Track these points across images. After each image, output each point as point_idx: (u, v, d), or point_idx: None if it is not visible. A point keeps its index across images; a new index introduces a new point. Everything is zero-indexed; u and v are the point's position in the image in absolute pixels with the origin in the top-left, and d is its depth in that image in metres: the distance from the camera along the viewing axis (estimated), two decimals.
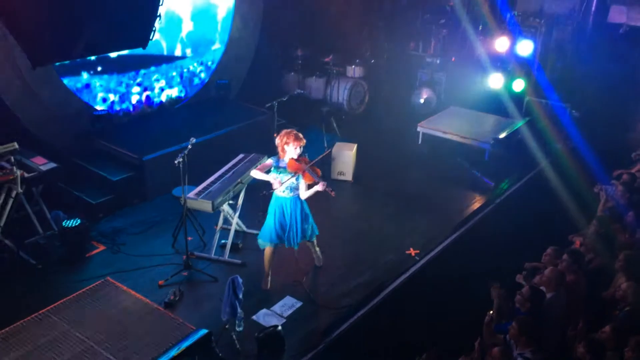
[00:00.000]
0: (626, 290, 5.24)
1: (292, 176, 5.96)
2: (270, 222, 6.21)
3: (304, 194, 6.12)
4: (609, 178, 8.08)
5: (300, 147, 5.99)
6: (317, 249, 6.80)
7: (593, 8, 10.49)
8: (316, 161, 6.07)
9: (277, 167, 6.05)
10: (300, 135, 6.06)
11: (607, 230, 6.26)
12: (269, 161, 6.14)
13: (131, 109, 9.27)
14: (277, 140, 6.10)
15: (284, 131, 6.13)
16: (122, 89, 9.05)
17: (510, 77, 10.92)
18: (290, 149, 5.98)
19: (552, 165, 9.51)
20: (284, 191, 6.09)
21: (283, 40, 11.53)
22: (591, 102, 10.61)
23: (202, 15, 9.96)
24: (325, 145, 9.31)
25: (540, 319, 4.94)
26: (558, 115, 10.58)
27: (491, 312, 5.30)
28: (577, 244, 6.50)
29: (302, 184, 6.07)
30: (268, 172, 6.08)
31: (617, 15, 10.38)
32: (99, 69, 8.66)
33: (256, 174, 6.14)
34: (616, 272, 5.60)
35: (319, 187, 5.92)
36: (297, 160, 5.97)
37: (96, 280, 6.30)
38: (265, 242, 6.31)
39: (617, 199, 7.10)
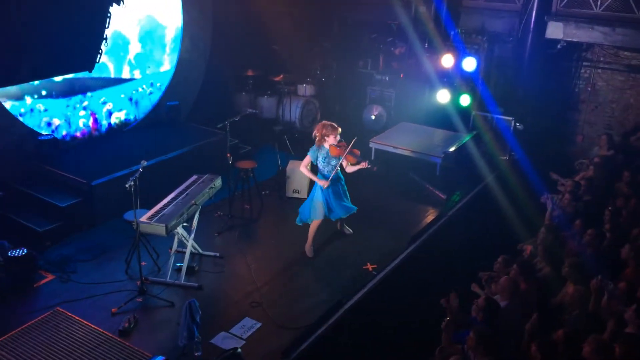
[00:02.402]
0: (573, 294, 5.42)
1: (338, 159, 7.08)
2: (317, 200, 7.22)
3: (350, 169, 7.26)
4: (553, 188, 8.41)
5: (337, 135, 7.01)
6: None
7: (532, 25, 10.93)
8: (352, 145, 7.06)
9: (320, 155, 7.15)
10: (335, 124, 7.11)
11: (554, 238, 6.48)
12: (308, 157, 7.23)
13: (78, 133, 9.04)
14: (316, 133, 7.14)
15: (320, 124, 7.17)
16: (68, 113, 8.83)
17: (456, 92, 11.24)
18: (331, 139, 7.04)
19: (499, 177, 9.82)
20: (327, 174, 7.15)
21: (234, 60, 11.53)
22: (533, 116, 11.04)
23: (150, 37, 9.87)
24: (279, 164, 9.31)
25: (497, 328, 5.05)
26: (502, 128, 10.94)
27: (447, 318, 5.38)
28: (528, 251, 6.70)
29: (345, 163, 7.16)
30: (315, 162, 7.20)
31: (554, 31, 10.85)
32: (44, 92, 8.43)
33: (304, 171, 7.31)
34: (565, 279, 5.79)
35: (362, 165, 7.10)
36: (337, 146, 7.05)
37: (45, 311, 6.13)
38: (313, 217, 7.29)
39: (563, 208, 7.37)
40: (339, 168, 7.20)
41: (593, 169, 8.55)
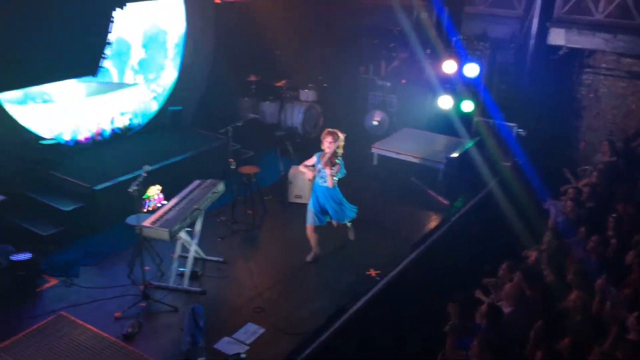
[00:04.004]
0: (576, 301, 5.41)
1: (321, 167, 7.07)
2: (310, 205, 7.29)
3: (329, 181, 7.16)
4: (556, 194, 8.40)
5: (330, 142, 7.02)
6: (349, 225, 7.75)
7: (533, 31, 10.96)
8: (330, 155, 7.01)
9: (318, 161, 7.15)
10: (334, 131, 7.09)
11: (559, 244, 6.48)
12: (313, 157, 7.24)
13: (81, 138, 9.05)
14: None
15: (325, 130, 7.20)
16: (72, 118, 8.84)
17: (459, 98, 11.24)
18: (325, 144, 7.07)
19: (502, 183, 9.82)
20: (317, 180, 7.15)
21: (236, 66, 11.55)
22: (536, 122, 11.05)
23: (153, 42, 9.89)
24: (282, 169, 9.32)
25: (501, 335, 5.04)
26: (504, 134, 10.95)
27: (450, 322, 5.37)
28: (533, 258, 6.69)
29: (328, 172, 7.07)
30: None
31: (556, 37, 10.88)
32: (47, 97, 8.44)
33: (301, 167, 7.35)
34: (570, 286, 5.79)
35: (327, 172, 7.05)
36: (326, 153, 7.04)
37: (49, 316, 6.12)
38: (307, 223, 7.33)
39: (566, 214, 7.37)
40: (332, 173, 7.14)
41: (596, 175, 8.54)
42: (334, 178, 7.11)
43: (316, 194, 7.30)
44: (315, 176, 7.20)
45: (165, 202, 7.62)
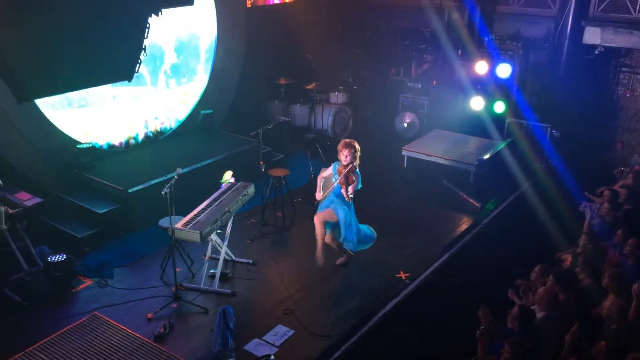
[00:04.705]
0: (610, 308, 5.27)
1: (336, 180, 6.74)
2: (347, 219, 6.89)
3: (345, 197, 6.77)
4: (591, 196, 8.20)
5: (346, 155, 6.68)
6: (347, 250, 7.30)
7: (568, 30, 10.75)
8: (347, 171, 6.63)
9: (335, 171, 6.85)
10: (349, 143, 6.74)
11: (595, 248, 6.33)
12: (330, 167, 6.98)
13: (115, 141, 9.24)
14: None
15: (342, 139, 6.89)
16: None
17: (490, 99, 11.11)
18: (341, 156, 6.76)
19: (535, 185, 9.64)
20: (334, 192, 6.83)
21: (266, 69, 11.64)
22: (570, 123, 10.81)
23: (185, 47, 10.04)
24: (312, 172, 9.33)
25: (533, 339, 4.94)
26: (538, 135, 10.76)
27: (482, 327, 5.29)
28: (568, 261, 6.55)
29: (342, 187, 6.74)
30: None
31: (592, 36, 10.64)
32: (83, 102, 8.64)
33: (318, 179, 7.10)
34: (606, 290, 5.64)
35: (342, 191, 6.69)
36: (344, 166, 6.69)
37: (83, 316, 6.25)
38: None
39: (602, 217, 7.19)
40: (342, 188, 6.77)
41: (632, 176, 8.32)
42: (350, 195, 6.71)
43: (345, 208, 6.87)
44: (327, 195, 6.92)
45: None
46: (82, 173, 8.42)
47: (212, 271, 6.98)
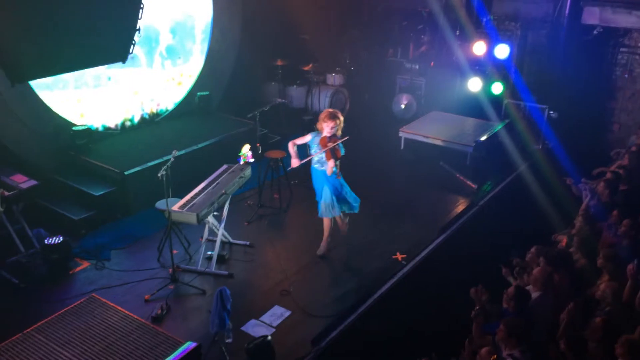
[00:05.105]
0: (605, 289, 5.29)
1: (320, 151, 6.58)
2: (318, 196, 6.87)
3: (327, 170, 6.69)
4: (588, 177, 8.21)
5: (332, 127, 6.54)
6: (346, 220, 7.23)
7: (567, 10, 10.66)
8: (338, 143, 6.55)
9: (314, 142, 6.70)
10: (333, 114, 6.61)
11: (591, 228, 6.34)
12: (308, 135, 6.78)
13: (111, 123, 9.20)
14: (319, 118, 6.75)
15: (325, 110, 6.76)
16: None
17: (488, 80, 11.05)
18: (325, 128, 6.58)
19: (532, 167, 9.64)
20: (315, 164, 6.76)
21: (263, 50, 11.55)
22: (568, 104, 10.78)
23: (181, 28, 9.95)
24: (309, 154, 9.30)
25: (528, 318, 4.98)
26: (536, 117, 10.72)
27: (477, 307, 5.33)
28: (564, 242, 6.57)
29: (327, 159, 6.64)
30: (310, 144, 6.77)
31: (590, 16, 10.57)
32: (78, 83, 8.58)
33: (290, 145, 6.87)
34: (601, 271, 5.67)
35: (328, 165, 6.60)
36: (328, 138, 6.54)
37: (81, 298, 6.27)
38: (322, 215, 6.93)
39: (599, 197, 7.20)
40: (338, 164, 6.77)
41: (629, 157, 8.32)
42: (338, 172, 6.67)
43: (317, 180, 6.88)
44: (305, 163, 6.80)
45: (253, 159, 7.71)
46: (78, 155, 8.39)
47: (209, 253, 6.99)
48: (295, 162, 6.84)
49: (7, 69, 6.48)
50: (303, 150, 6.97)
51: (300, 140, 6.92)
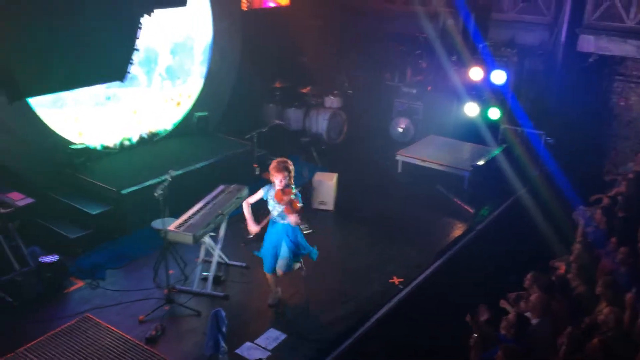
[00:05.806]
0: (608, 315, 5.27)
1: (278, 207, 6.17)
2: (265, 250, 6.42)
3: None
4: (586, 203, 8.23)
5: (282, 180, 6.09)
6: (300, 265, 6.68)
7: (563, 38, 10.80)
8: (295, 194, 6.13)
9: (269, 196, 6.24)
10: (283, 165, 6.14)
11: (589, 255, 6.34)
12: (260, 191, 6.35)
13: (109, 142, 9.19)
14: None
15: (273, 162, 6.26)
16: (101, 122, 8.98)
17: (485, 105, 11.12)
18: (275, 181, 6.14)
19: (530, 192, 9.66)
20: (276, 218, 6.29)
21: (262, 72, 11.63)
22: (564, 130, 10.86)
23: (181, 49, 10.01)
24: (306, 175, 9.32)
25: (526, 345, 4.94)
26: (533, 142, 10.78)
27: (475, 335, 5.28)
28: (562, 269, 6.55)
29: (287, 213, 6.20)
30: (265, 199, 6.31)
31: (586, 44, 10.71)
32: (76, 102, 8.59)
33: (244, 205, 6.45)
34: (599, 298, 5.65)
35: (291, 219, 6.16)
36: (282, 191, 6.09)
37: (75, 317, 6.20)
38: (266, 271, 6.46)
39: (597, 224, 7.21)
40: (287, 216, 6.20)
41: (626, 184, 8.35)
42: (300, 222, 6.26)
43: (271, 233, 6.36)
44: (264, 225, 6.42)
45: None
46: (76, 174, 8.36)
47: (205, 274, 6.94)
48: (253, 228, 6.41)
49: (5, 87, 6.50)
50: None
51: (253, 198, 6.44)
